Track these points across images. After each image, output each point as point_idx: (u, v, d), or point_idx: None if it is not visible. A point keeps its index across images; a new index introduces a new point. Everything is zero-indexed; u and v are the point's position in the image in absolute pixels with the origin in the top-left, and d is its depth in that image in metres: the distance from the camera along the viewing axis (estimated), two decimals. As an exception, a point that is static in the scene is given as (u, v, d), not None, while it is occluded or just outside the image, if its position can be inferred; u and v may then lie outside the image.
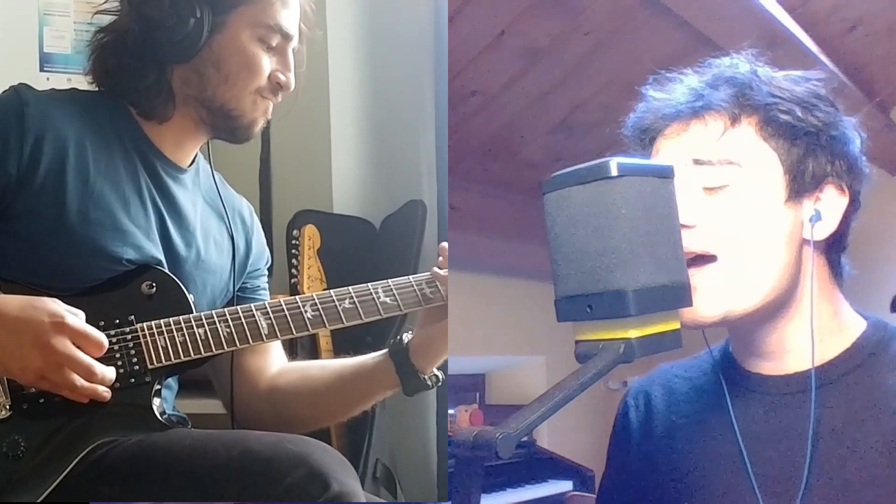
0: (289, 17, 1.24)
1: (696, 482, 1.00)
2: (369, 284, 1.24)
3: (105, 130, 1.20)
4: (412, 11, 2.35)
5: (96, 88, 1.26)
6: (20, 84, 1.18)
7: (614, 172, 0.71)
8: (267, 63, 1.22)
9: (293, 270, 2.11)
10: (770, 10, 2.33)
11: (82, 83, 1.29)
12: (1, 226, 1.13)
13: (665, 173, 0.76)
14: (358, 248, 2.25)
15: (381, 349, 1.30)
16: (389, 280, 1.26)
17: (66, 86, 1.30)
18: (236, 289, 1.33)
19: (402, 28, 2.38)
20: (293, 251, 2.13)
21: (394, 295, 1.25)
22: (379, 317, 1.24)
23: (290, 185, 2.37)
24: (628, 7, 2.29)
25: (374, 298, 1.24)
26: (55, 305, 1.04)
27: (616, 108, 1.05)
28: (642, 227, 0.72)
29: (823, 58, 2.57)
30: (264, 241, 1.43)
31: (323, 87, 2.34)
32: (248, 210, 1.40)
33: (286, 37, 1.23)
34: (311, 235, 2.14)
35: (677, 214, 0.76)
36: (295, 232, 2.14)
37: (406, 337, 1.27)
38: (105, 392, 1.07)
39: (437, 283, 1.26)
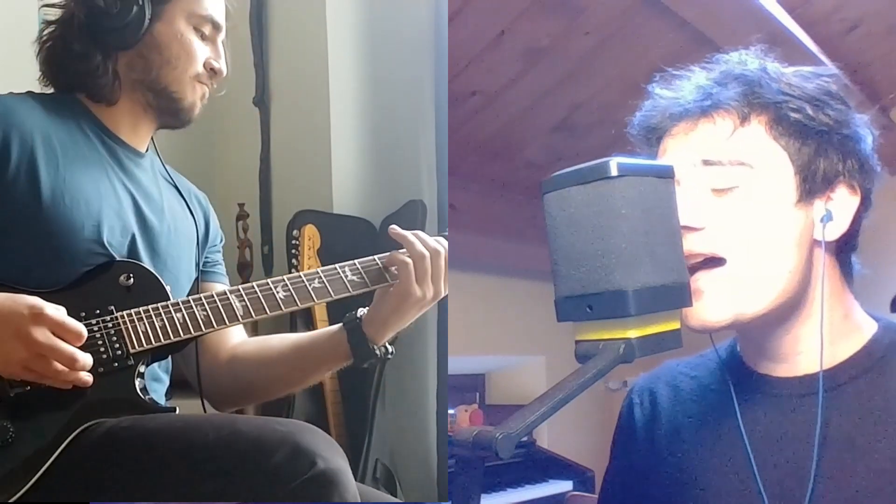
0: (216, 9, 1.34)
1: (701, 482, 0.99)
2: (336, 265, 1.30)
3: (67, 122, 1.26)
4: (412, 11, 2.35)
5: (49, 90, 1.32)
6: None
7: (614, 172, 0.71)
8: (202, 51, 1.31)
9: (293, 270, 2.11)
10: (770, 10, 2.33)
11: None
12: None
13: (665, 173, 0.76)
14: (358, 248, 2.23)
15: None
16: (356, 260, 1.32)
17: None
18: (200, 264, 1.39)
19: (402, 28, 2.38)
20: (293, 251, 2.13)
21: (360, 273, 1.30)
22: (348, 293, 1.29)
23: (290, 185, 2.38)
24: (628, 7, 2.29)
25: (341, 277, 1.29)
26: (33, 298, 1.07)
27: (616, 107, 1.04)
28: (642, 227, 0.71)
29: (823, 58, 2.57)
30: (218, 222, 1.50)
31: (323, 87, 2.34)
32: (202, 195, 1.48)
33: (216, 27, 1.34)
34: (311, 235, 2.14)
35: (677, 214, 0.76)
36: (295, 232, 2.14)
37: (362, 311, 1.33)
38: (87, 377, 1.10)
39: (396, 266, 1.30)
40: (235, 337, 1.40)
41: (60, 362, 1.06)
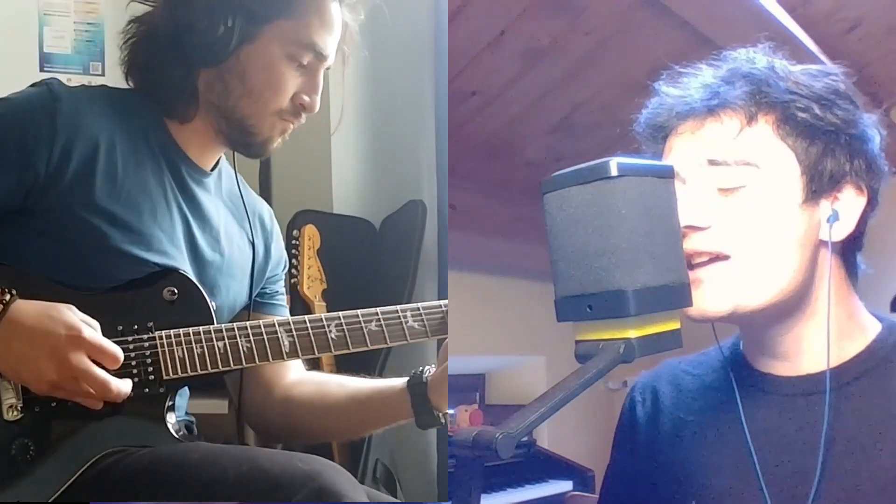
0: (325, 38, 1.21)
1: (702, 480, 0.99)
2: (398, 307, 1.21)
3: (134, 131, 1.18)
4: (412, 11, 2.35)
5: (126, 85, 1.25)
6: (52, 79, 1.16)
7: (614, 172, 0.71)
8: (293, 82, 1.20)
9: (293, 270, 2.11)
10: (770, 10, 2.32)
11: (83, 83, 1.28)
12: (28, 221, 1.11)
13: (665, 173, 0.76)
14: (358, 248, 2.25)
15: (374, 363, 1.28)
16: (419, 304, 1.23)
17: (66, 86, 1.29)
18: (255, 294, 1.31)
19: (402, 28, 2.37)
20: (293, 251, 2.13)
21: (422, 320, 1.22)
22: (404, 342, 1.21)
23: (290, 185, 2.37)
24: (628, 7, 2.29)
25: (401, 322, 1.21)
26: (72, 317, 1.03)
27: (616, 107, 1.04)
28: (642, 227, 0.71)
29: (823, 58, 2.57)
30: (283, 245, 1.41)
31: (323, 87, 2.33)
32: (268, 214, 1.39)
33: (319, 57, 1.21)
34: (311, 235, 2.14)
35: (677, 214, 0.76)
36: (295, 232, 2.14)
37: (427, 371, 1.25)
38: (123, 391, 1.06)
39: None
40: (293, 372, 1.33)
41: (93, 389, 1.03)
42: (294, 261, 2.12)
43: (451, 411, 3.09)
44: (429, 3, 2.31)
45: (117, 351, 1.05)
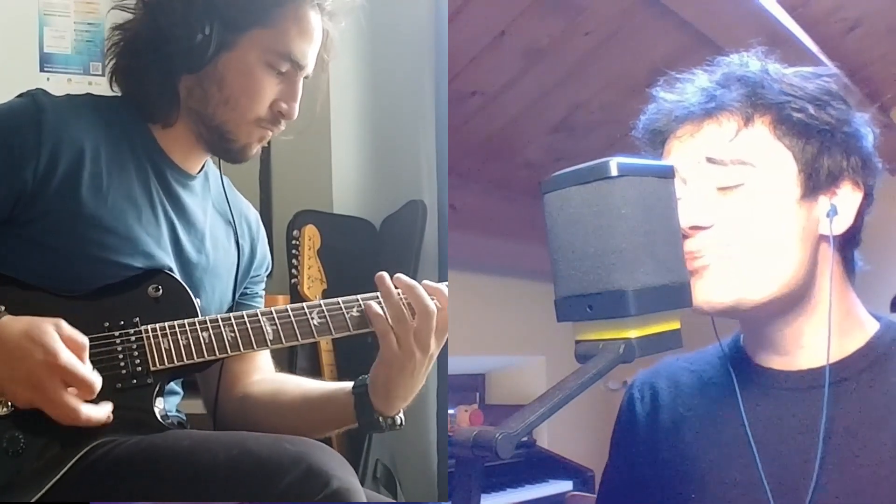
0: (303, 47, 1.22)
1: (703, 475, 1.00)
2: (377, 293, 1.21)
3: (119, 138, 1.20)
4: (412, 11, 2.35)
5: (112, 93, 1.26)
6: (37, 90, 1.18)
7: (614, 172, 0.71)
8: (271, 90, 1.21)
9: (293, 270, 2.11)
10: (770, 10, 2.33)
11: (82, 83, 1.29)
12: (16, 231, 1.13)
13: (665, 173, 0.76)
14: (358, 248, 2.25)
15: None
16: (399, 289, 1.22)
17: (66, 86, 1.30)
18: (238, 294, 1.33)
19: (402, 28, 2.38)
20: (293, 251, 2.13)
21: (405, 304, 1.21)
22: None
23: (290, 185, 2.38)
24: (628, 7, 2.29)
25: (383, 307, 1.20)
26: (52, 340, 1.02)
27: (616, 108, 1.05)
28: (642, 227, 0.72)
29: (823, 58, 2.57)
30: (268, 248, 1.43)
31: (323, 86, 2.34)
32: (254, 217, 1.41)
33: (297, 66, 1.22)
34: (311, 235, 2.14)
35: (677, 214, 0.76)
36: (295, 232, 2.14)
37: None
38: (100, 415, 1.06)
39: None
40: (258, 371, 1.34)
41: (64, 414, 1.03)
42: (294, 261, 2.12)
43: (451, 411, 3.10)
44: (429, 3, 2.31)
45: (93, 380, 1.04)
